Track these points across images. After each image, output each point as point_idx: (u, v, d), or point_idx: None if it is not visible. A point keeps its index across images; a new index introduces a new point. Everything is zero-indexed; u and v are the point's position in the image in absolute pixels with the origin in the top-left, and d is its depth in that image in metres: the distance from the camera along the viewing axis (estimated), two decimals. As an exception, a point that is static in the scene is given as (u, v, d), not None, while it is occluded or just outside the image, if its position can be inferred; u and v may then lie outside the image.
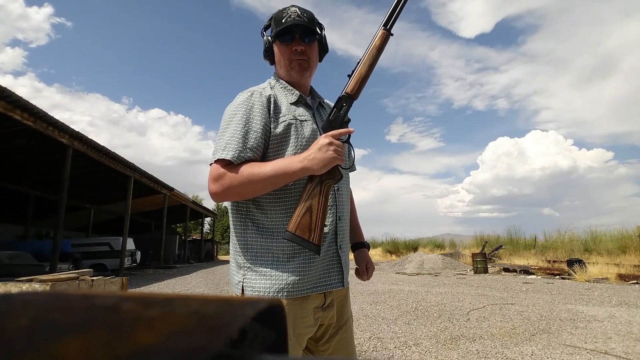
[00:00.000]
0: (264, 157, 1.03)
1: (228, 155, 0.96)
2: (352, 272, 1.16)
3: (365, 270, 1.23)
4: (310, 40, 1.10)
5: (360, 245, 1.29)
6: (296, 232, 0.94)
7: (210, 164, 1.01)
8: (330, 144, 0.96)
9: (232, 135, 0.99)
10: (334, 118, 1.06)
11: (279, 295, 0.96)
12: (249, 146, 0.99)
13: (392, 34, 1.09)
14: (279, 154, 1.03)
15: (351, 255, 1.24)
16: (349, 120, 1.07)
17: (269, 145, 1.04)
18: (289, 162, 0.95)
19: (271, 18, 1.12)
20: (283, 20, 1.07)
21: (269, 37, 1.13)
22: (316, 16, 1.13)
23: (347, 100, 1.07)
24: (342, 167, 1.03)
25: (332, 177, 1.00)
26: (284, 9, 1.10)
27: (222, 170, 0.96)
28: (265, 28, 1.15)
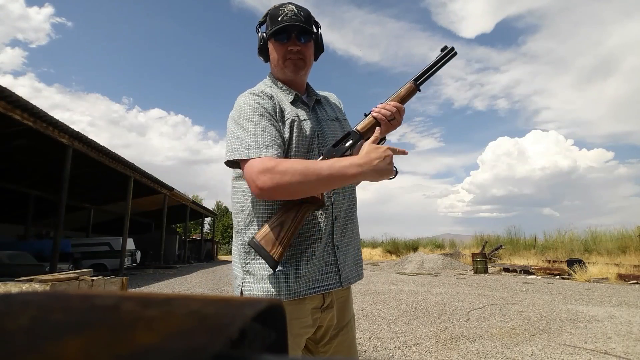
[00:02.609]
0: None
1: (265, 153, 0.93)
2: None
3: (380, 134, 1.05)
4: (306, 40, 1.08)
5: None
6: (261, 242, 0.93)
7: (232, 163, 0.98)
8: (391, 156, 0.94)
9: (252, 133, 0.96)
10: (337, 149, 1.04)
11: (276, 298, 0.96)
12: (277, 143, 0.96)
13: (419, 90, 1.11)
14: (287, 154, 1.01)
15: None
16: (350, 154, 1.05)
17: None
18: (347, 164, 0.91)
19: (267, 14, 1.09)
20: (279, 18, 1.04)
21: (264, 34, 1.10)
22: (316, 16, 1.12)
23: (355, 136, 1.06)
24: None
25: (315, 203, 0.97)
26: (281, 5, 1.08)
27: (270, 163, 0.90)
28: (260, 24, 1.12)
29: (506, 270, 12.01)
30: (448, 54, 1.12)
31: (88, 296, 0.17)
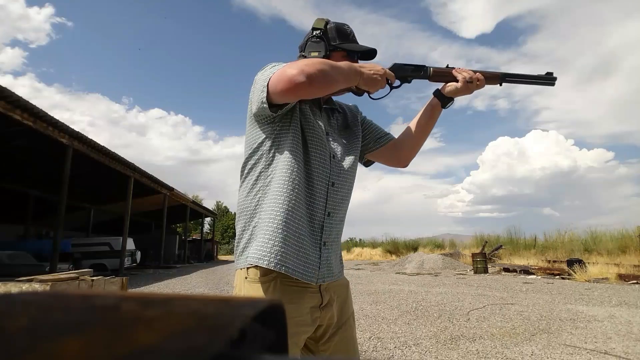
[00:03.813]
0: (272, 134, 1.04)
1: None
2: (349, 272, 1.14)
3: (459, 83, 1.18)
4: None
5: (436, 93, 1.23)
6: None
7: (266, 81, 0.95)
8: (383, 74, 1.07)
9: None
10: (406, 68, 1.18)
11: (262, 262, 0.95)
12: None
13: (500, 84, 1.23)
14: (282, 132, 1.03)
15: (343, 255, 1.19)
16: (410, 82, 1.20)
17: (282, 122, 1.04)
18: (352, 63, 1.04)
19: (327, 23, 1.13)
20: (350, 37, 1.14)
21: (334, 43, 1.12)
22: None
23: (425, 71, 1.19)
24: (371, 97, 1.13)
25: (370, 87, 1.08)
26: (343, 24, 1.15)
27: (293, 63, 0.94)
28: (322, 32, 1.13)
29: (506, 270, 12.01)
30: (546, 79, 1.22)
31: (88, 296, 0.17)
